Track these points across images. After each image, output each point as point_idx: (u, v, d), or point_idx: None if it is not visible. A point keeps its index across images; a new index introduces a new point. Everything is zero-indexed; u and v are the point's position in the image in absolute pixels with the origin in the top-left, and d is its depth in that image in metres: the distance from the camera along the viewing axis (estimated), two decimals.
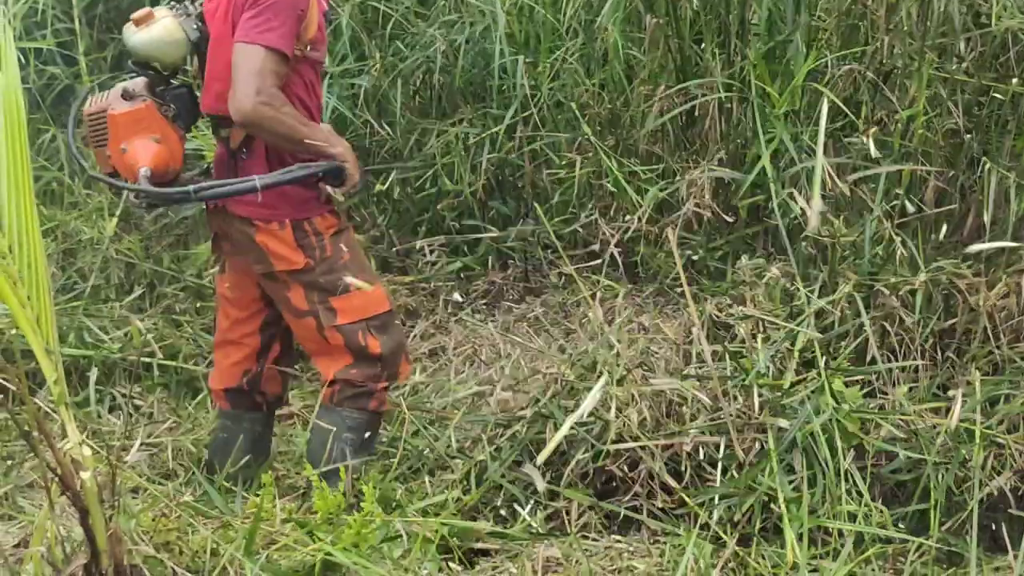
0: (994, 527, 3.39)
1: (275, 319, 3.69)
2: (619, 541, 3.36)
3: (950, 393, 3.59)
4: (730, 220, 4.50)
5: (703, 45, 4.82)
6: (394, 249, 5.52)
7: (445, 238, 5.44)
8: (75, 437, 2.38)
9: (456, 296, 4.53)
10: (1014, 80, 4.16)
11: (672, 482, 3.46)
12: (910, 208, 4.07)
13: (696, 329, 3.78)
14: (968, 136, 4.23)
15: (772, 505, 3.26)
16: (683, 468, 3.50)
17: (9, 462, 3.84)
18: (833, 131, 4.48)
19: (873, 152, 3.90)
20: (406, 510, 3.31)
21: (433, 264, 5.44)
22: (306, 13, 3.31)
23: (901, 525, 3.35)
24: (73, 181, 6.03)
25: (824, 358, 3.61)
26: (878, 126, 4.36)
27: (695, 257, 4.55)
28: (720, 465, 3.48)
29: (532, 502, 3.56)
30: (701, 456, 3.51)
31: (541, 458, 2.92)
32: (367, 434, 3.56)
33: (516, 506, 3.56)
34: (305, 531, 2.95)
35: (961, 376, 3.69)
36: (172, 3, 3.52)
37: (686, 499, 3.38)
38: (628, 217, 4.49)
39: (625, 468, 3.55)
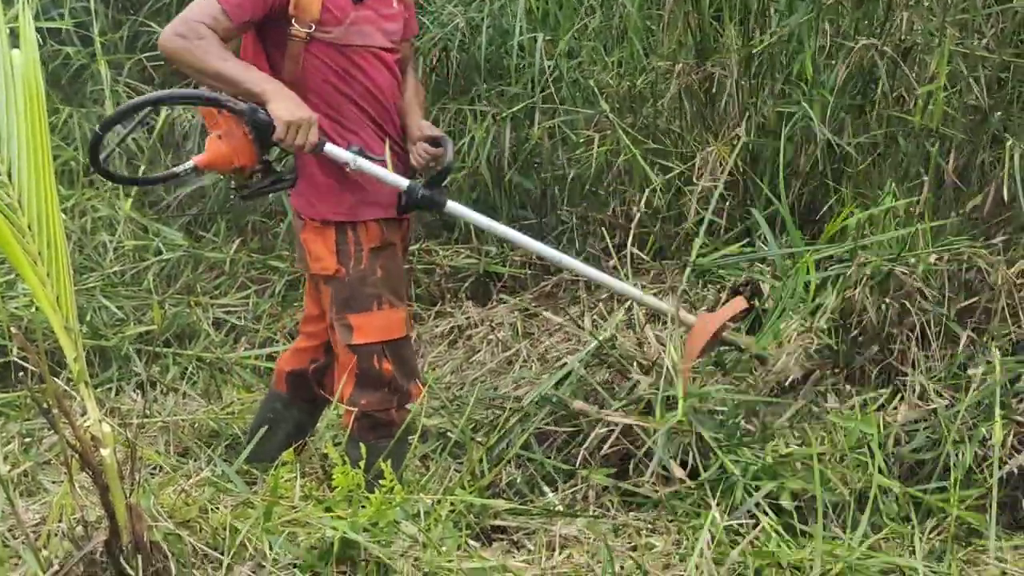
0: (1013, 505, 3.39)
1: None
2: (637, 519, 3.36)
3: (970, 372, 3.59)
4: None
5: (722, 22, 4.80)
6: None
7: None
8: (95, 414, 2.38)
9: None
10: None
11: (678, 471, 3.46)
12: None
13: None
14: (989, 113, 4.20)
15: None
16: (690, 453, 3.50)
17: (28, 440, 3.86)
18: (851, 107, 4.47)
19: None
20: (424, 488, 3.31)
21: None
22: None
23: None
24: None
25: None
26: (897, 103, 4.34)
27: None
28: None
29: (549, 481, 3.58)
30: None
31: None
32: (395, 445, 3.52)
33: (534, 485, 3.57)
34: (323, 508, 2.96)
35: (981, 355, 3.67)
36: None
37: (694, 485, 3.38)
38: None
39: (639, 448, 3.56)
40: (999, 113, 4.25)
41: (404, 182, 3.39)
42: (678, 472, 3.41)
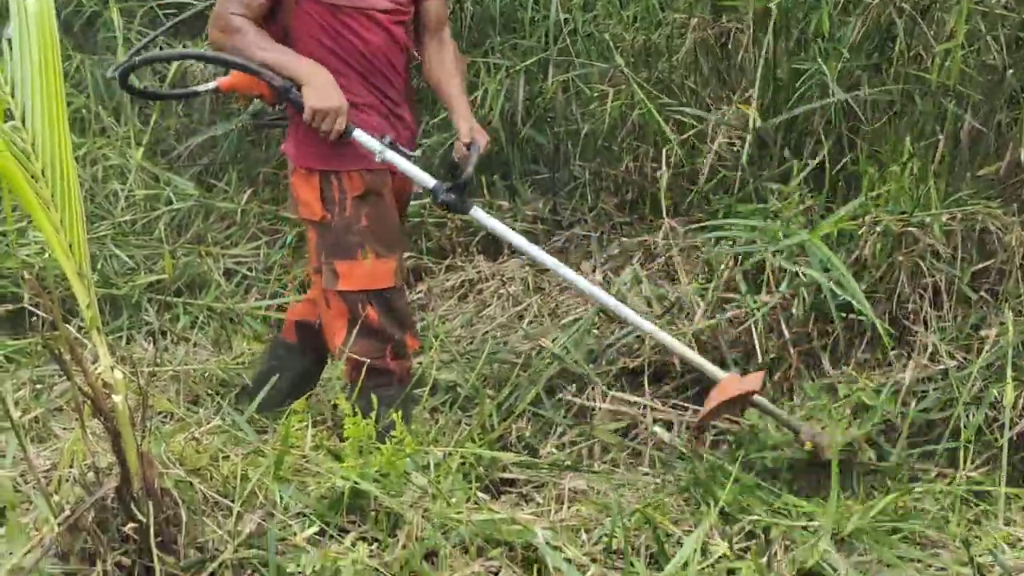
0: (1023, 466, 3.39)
1: None
2: (647, 474, 3.37)
3: (983, 333, 3.58)
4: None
5: None
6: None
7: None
8: (106, 361, 2.38)
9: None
10: None
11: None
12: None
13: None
14: (1008, 72, 4.16)
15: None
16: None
17: (40, 386, 3.87)
18: (868, 65, 4.42)
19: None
20: (435, 441, 3.32)
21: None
22: None
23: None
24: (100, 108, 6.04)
25: None
26: (914, 61, 4.30)
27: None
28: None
29: (557, 435, 3.59)
30: None
31: None
32: (402, 397, 3.51)
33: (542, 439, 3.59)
34: (332, 458, 2.96)
35: (995, 316, 3.66)
36: None
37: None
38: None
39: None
40: (1017, 73, 4.20)
41: (431, 182, 3.43)
42: (664, 436, 3.44)
